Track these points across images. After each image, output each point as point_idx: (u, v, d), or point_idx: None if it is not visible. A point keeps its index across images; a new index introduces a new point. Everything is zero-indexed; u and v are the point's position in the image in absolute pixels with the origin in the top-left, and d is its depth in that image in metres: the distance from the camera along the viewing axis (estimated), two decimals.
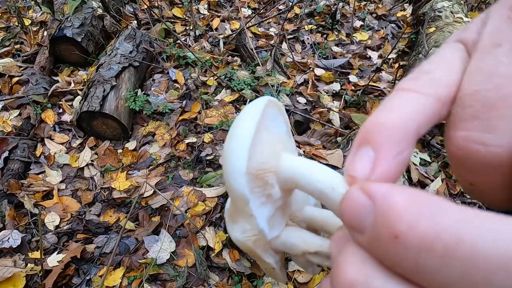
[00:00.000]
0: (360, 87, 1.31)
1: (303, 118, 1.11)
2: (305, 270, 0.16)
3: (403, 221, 0.08)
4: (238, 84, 1.27)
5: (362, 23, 1.70)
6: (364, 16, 1.72)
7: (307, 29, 1.65)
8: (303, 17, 1.73)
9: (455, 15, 1.31)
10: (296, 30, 1.63)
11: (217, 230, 0.89)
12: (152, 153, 1.13)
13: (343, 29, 1.67)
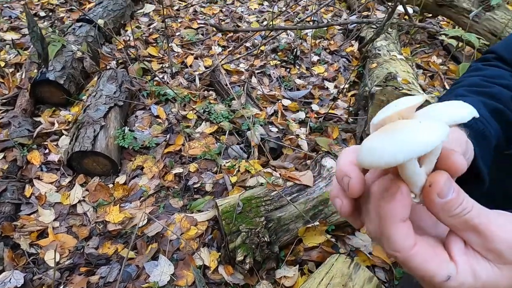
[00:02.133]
0: (321, 114, 1.54)
1: (276, 145, 1.29)
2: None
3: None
4: (217, 117, 1.43)
5: (318, 57, 1.97)
6: (320, 52, 2.00)
7: (272, 64, 1.87)
8: (267, 53, 1.96)
9: (390, 53, 1.62)
10: (262, 65, 1.85)
11: (211, 250, 1.01)
12: (142, 185, 1.22)
13: (303, 64, 1.92)
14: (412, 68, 1.55)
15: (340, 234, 1.03)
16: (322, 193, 0.99)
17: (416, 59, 1.89)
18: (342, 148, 1.35)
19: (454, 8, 1.95)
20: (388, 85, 1.13)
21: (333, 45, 2.08)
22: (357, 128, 1.42)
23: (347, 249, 1.00)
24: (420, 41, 2.11)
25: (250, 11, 2.47)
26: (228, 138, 1.38)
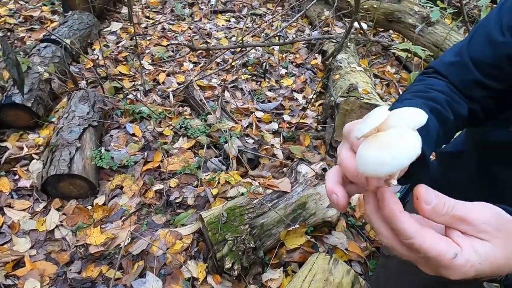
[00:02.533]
0: (293, 124, 1.64)
1: (253, 155, 1.36)
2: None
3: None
4: (194, 132, 1.47)
5: (286, 70, 2.10)
6: (287, 65, 2.13)
7: (243, 78, 1.96)
8: (238, 68, 2.05)
9: (351, 65, 1.78)
10: (234, 80, 1.93)
11: (198, 261, 1.03)
12: (123, 204, 1.22)
13: (272, 77, 2.03)
14: (370, 78, 1.72)
15: (318, 234, 1.12)
16: (300, 197, 1.07)
17: (373, 69, 2.08)
18: (314, 155, 1.45)
19: (402, 23, 2.19)
20: (351, 96, 1.26)
21: (299, 58, 2.22)
22: (326, 135, 1.53)
23: (326, 248, 1.08)
24: (375, 53, 2.33)
25: (218, 28, 2.55)
26: (206, 152, 1.42)
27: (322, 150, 1.52)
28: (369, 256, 1.08)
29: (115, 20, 2.41)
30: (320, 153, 1.50)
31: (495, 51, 0.52)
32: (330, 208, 1.09)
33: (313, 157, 1.42)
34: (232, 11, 2.85)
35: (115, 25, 2.32)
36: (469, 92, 0.55)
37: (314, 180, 1.11)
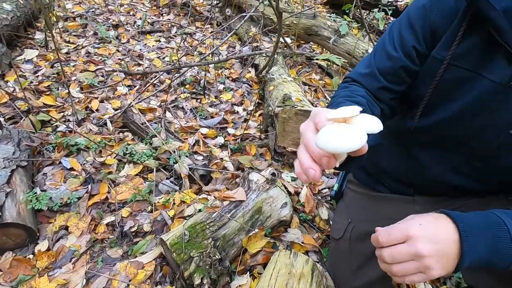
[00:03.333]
0: (237, 136, 1.73)
1: (205, 171, 1.40)
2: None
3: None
4: (140, 157, 1.44)
5: (223, 86, 2.19)
6: (224, 81, 2.22)
7: (183, 98, 1.98)
8: (176, 88, 2.06)
9: (282, 77, 1.95)
10: (174, 100, 1.94)
11: (164, 286, 1.02)
12: (70, 245, 1.13)
13: (211, 93, 2.10)
14: (300, 87, 1.92)
15: (276, 234, 1.21)
16: (255, 203, 1.15)
17: (301, 78, 2.32)
18: (262, 162, 1.56)
19: (319, 36, 2.49)
20: (286, 105, 1.41)
21: (234, 73, 2.34)
22: (269, 142, 1.66)
23: (285, 245, 1.18)
24: (301, 63, 2.59)
25: (149, 48, 2.53)
26: (156, 175, 1.41)
27: (268, 156, 1.63)
28: (322, 244, 1.21)
29: (29, 47, 2.19)
30: (266, 160, 1.61)
31: (393, 63, 0.69)
32: (283, 208, 1.19)
33: (261, 164, 1.52)
34: (160, 31, 2.84)
35: (30, 52, 2.12)
36: (379, 96, 0.72)
37: (266, 185, 1.20)
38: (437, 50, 0.63)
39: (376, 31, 3.07)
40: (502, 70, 0.57)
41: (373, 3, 3.47)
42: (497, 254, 0.51)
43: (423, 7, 0.63)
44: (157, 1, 3.33)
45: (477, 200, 0.77)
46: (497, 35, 0.55)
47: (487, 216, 0.55)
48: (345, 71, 2.39)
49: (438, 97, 0.65)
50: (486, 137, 0.63)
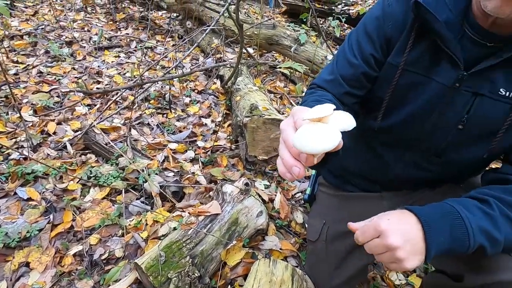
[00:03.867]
0: (208, 148, 1.72)
1: (177, 187, 1.37)
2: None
3: None
4: (106, 179, 1.37)
5: (190, 98, 2.17)
6: (189, 93, 2.21)
7: (148, 113, 1.93)
8: (140, 104, 2.00)
9: (247, 86, 1.99)
10: (139, 116, 1.88)
11: None
12: (33, 283, 1.04)
13: (177, 107, 2.07)
14: (266, 95, 1.96)
15: (254, 244, 1.21)
16: (231, 215, 1.14)
17: (266, 86, 2.37)
18: (234, 173, 1.56)
19: (280, 45, 2.58)
20: (254, 115, 1.43)
21: (199, 85, 2.33)
22: (240, 152, 1.67)
23: (263, 253, 1.18)
24: (265, 72, 2.65)
25: (108, 65, 2.44)
26: (126, 196, 1.35)
27: (240, 166, 1.64)
28: (299, 248, 1.23)
29: None
30: (239, 170, 1.61)
31: (354, 70, 0.74)
32: (259, 217, 1.20)
33: (234, 175, 1.53)
34: (119, 46, 2.76)
35: None
36: (343, 101, 0.77)
37: (240, 196, 1.21)
38: (392, 57, 0.69)
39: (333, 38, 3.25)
40: (448, 74, 0.64)
41: (328, 11, 3.67)
42: (456, 241, 0.56)
43: (377, 19, 0.70)
44: (113, 16, 3.23)
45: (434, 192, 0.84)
46: (441, 43, 0.62)
47: (442, 206, 0.60)
48: (307, 77, 2.49)
49: (396, 99, 0.72)
50: (439, 134, 0.70)
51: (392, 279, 1.19)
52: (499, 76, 0.61)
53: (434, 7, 0.61)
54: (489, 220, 0.57)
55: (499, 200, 0.59)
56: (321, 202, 1.09)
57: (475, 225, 0.56)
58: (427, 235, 0.56)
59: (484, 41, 0.60)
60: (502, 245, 0.57)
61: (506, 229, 0.57)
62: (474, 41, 0.61)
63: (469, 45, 0.62)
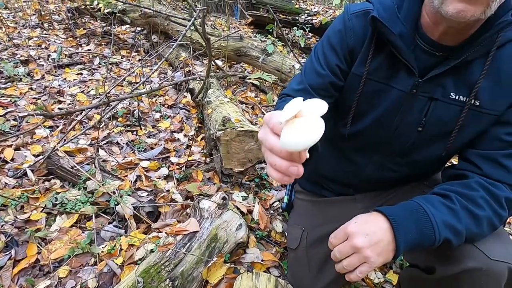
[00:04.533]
0: (182, 164, 1.68)
1: (152, 207, 1.32)
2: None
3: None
4: (74, 205, 1.29)
5: (160, 114, 2.12)
6: (159, 109, 2.16)
7: (116, 132, 1.86)
8: (107, 122, 1.93)
9: (218, 99, 1.99)
10: (107, 135, 1.81)
11: None
12: None
13: (147, 123, 2.01)
14: (237, 106, 1.97)
15: (235, 258, 1.20)
16: (210, 231, 1.12)
17: (238, 97, 2.39)
18: (210, 187, 1.54)
19: (248, 56, 2.62)
20: (227, 127, 1.43)
21: (169, 100, 2.29)
22: (215, 165, 1.66)
23: (245, 267, 1.17)
24: (235, 83, 2.67)
25: (70, 83, 2.32)
26: (97, 222, 1.28)
27: (216, 180, 1.62)
28: (281, 258, 1.24)
29: None
30: (215, 183, 1.60)
31: (322, 80, 0.79)
32: (238, 230, 1.19)
33: (210, 189, 1.51)
34: (81, 63, 2.65)
35: None
36: None
37: (218, 211, 1.19)
38: (355, 68, 0.75)
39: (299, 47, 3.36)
40: (405, 81, 0.70)
41: (292, 22, 3.80)
42: (423, 236, 0.61)
43: (339, 32, 0.75)
44: (73, 32, 3.10)
45: (402, 190, 0.89)
46: (397, 54, 0.68)
47: (409, 204, 0.65)
48: (277, 86, 2.55)
49: (362, 107, 0.77)
50: (402, 137, 0.76)
51: (371, 278, 1.22)
52: (449, 82, 0.67)
53: (389, 21, 0.66)
54: (451, 214, 0.62)
55: (459, 194, 0.64)
56: (299, 209, 1.11)
57: (439, 219, 0.61)
58: (395, 232, 0.60)
59: (434, 51, 0.67)
60: (464, 236, 0.62)
61: (467, 221, 0.62)
62: (425, 51, 0.67)
63: (422, 55, 0.68)
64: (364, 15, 0.72)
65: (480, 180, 0.65)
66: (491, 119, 0.66)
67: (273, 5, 4.11)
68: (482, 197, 0.63)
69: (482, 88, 0.65)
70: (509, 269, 0.61)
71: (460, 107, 0.68)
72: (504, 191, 0.64)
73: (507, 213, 0.65)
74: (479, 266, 0.62)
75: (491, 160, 0.66)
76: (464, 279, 0.63)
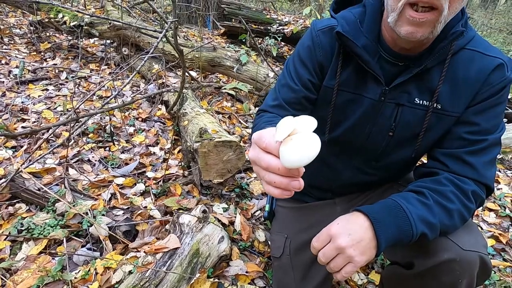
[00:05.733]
0: (159, 178, 1.63)
1: (128, 226, 1.26)
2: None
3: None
4: (42, 230, 1.21)
5: (134, 128, 2.06)
6: (133, 122, 2.10)
7: (87, 149, 1.77)
8: (77, 139, 1.84)
9: (194, 110, 1.96)
10: (77, 153, 1.72)
11: None
12: None
13: (121, 138, 1.94)
14: (214, 117, 1.96)
15: (219, 272, 1.17)
16: (191, 247, 1.09)
17: (214, 107, 2.37)
18: (190, 200, 1.51)
19: (222, 66, 2.63)
20: (204, 139, 1.41)
21: (143, 113, 2.23)
22: (194, 178, 1.62)
23: (230, 280, 1.15)
24: (210, 93, 2.66)
25: (34, 100, 2.20)
26: (68, 246, 1.20)
27: (195, 192, 1.59)
28: (265, 268, 1.23)
29: None
30: (194, 196, 1.56)
31: (295, 94, 0.82)
32: (221, 243, 1.17)
33: (190, 203, 1.47)
34: (46, 78, 2.52)
35: None
36: None
37: (199, 225, 1.16)
38: (326, 81, 0.79)
39: (272, 55, 3.42)
40: (374, 90, 0.75)
41: (264, 32, 3.88)
42: (402, 231, 0.63)
43: (308, 48, 0.79)
44: (37, 46, 2.96)
45: (379, 190, 0.93)
46: (364, 65, 0.71)
47: (387, 202, 0.68)
48: (253, 95, 2.56)
49: (337, 116, 0.82)
50: (375, 141, 0.81)
51: (355, 280, 1.24)
52: (413, 88, 0.71)
53: (353, 35, 0.71)
54: (426, 209, 0.65)
55: (431, 190, 0.68)
56: (281, 217, 1.11)
57: (415, 215, 0.64)
58: (376, 229, 0.62)
59: (397, 61, 0.71)
60: (439, 229, 0.65)
61: (440, 215, 0.65)
62: (389, 62, 0.72)
63: (386, 65, 0.72)
64: (330, 31, 0.76)
65: (449, 176, 0.70)
66: (452, 120, 0.71)
67: (245, 15, 4.17)
68: (452, 191, 0.67)
69: (442, 92, 0.70)
70: (480, 257, 0.66)
71: (424, 111, 0.72)
72: (470, 186, 0.68)
73: (475, 205, 0.69)
74: (454, 257, 0.65)
75: (456, 157, 0.71)
76: (441, 271, 0.67)
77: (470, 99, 0.69)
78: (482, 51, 0.68)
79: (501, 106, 0.69)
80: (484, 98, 0.68)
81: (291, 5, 8.00)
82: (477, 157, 0.69)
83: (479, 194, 0.69)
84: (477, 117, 0.69)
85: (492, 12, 12.22)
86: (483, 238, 0.72)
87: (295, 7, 7.66)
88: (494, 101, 0.68)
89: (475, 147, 0.69)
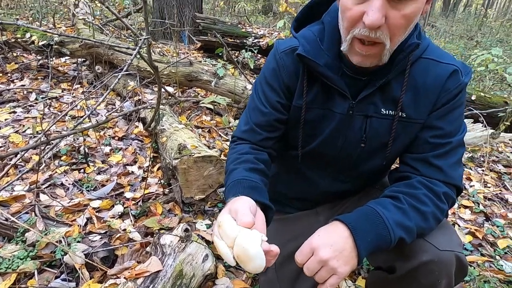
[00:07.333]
0: (138, 198, 1.58)
1: (107, 251, 1.20)
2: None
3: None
4: (10, 263, 1.12)
5: (110, 147, 1.99)
6: (109, 142, 2.03)
7: (60, 172, 1.69)
8: (48, 163, 1.75)
9: (173, 126, 1.93)
10: (48, 178, 1.63)
11: None
12: None
13: (96, 159, 1.87)
14: (193, 132, 1.94)
15: None
16: (174, 268, 1.05)
17: (193, 122, 2.35)
18: (171, 218, 1.46)
19: (200, 81, 2.62)
20: (183, 155, 1.39)
21: (119, 131, 2.17)
22: (175, 195, 1.58)
23: None
24: (189, 107, 2.64)
25: (1, 123, 2.09)
26: (41, 278, 1.12)
27: (177, 210, 1.55)
28: (252, 283, 1.20)
29: None
30: (176, 214, 1.52)
31: (267, 118, 0.83)
32: (205, 261, 1.14)
33: (171, 221, 1.43)
34: (14, 100, 2.40)
35: None
36: (263, 145, 0.85)
37: (181, 244, 1.13)
38: (295, 101, 0.81)
39: (249, 68, 3.47)
40: (342, 105, 0.78)
41: (241, 45, 3.93)
42: (380, 238, 0.64)
43: (274, 70, 0.81)
44: (3, 67, 2.83)
45: (357, 197, 0.95)
46: (329, 82, 0.74)
47: (364, 210, 0.69)
48: (231, 108, 2.57)
49: (309, 133, 0.84)
50: (348, 153, 0.84)
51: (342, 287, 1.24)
52: (378, 99, 0.75)
53: (314, 55, 0.73)
54: (402, 214, 0.67)
55: (405, 194, 0.71)
56: None
57: (392, 220, 0.65)
58: (355, 238, 0.63)
59: (359, 77, 0.74)
60: (415, 232, 0.67)
61: (415, 218, 0.67)
62: (352, 77, 0.75)
63: (350, 80, 0.75)
64: (292, 52, 0.78)
65: (421, 179, 0.72)
66: (417, 126, 0.75)
67: (220, 29, 4.22)
68: (425, 194, 0.70)
69: (405, 101, 0.73)
70: (456, 256, 0.68)
71: (390, 120, 0.76)
72: (441, 187, 0.71)
73: (447, 206, 0.72)
74: (431, 258, 0.67)
75: (424, 161, 0.74)
76: (421, 272, 0.69)
77: (431, 105, 0.73)
78: (436, 58, 0.72)
79: (460, 109, 0.74)
80: (444, 103, 0.73)
81: (265, 18, 8.21)
82: (443, 160, 0.72)
83: (450, 195, 0.72)
84: (439, 122, 0.73)
85: (452, 20, 13.13)
86: (458, 237, 0.74)
87: (270, 20, 7.87)
88: (453, 105, 0.72)
89: (440, 150, 0.73)
